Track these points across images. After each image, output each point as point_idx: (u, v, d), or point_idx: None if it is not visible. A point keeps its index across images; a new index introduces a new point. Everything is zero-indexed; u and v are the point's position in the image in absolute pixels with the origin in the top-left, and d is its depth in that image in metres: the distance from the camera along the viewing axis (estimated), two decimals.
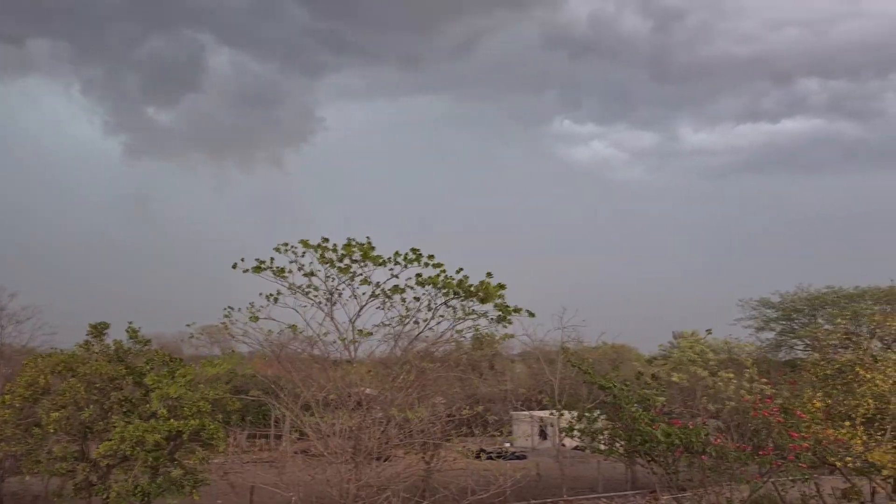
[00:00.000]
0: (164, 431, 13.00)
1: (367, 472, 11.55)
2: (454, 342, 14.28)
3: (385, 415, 12.53)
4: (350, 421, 11.99)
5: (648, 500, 19.99)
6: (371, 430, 11.88)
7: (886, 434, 15.50)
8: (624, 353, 42.97)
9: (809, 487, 16.70)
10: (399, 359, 13.44)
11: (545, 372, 28.53)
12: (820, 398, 16.55)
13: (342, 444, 11.69)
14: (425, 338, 13.78)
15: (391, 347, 13.33)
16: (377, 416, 12.25)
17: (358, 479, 11.23)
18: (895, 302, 30.87)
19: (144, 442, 12.74)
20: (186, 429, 13.07)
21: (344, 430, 11.95)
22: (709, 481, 14.00)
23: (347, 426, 11.93)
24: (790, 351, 38.70)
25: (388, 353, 13.93)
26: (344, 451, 11.58)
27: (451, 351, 14.90)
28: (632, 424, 13.79)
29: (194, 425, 13.09)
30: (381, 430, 12.37)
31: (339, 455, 11.50)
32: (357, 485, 11.16)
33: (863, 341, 21.43)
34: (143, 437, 12.69)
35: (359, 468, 11.44)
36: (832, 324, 26.88)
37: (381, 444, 12.35)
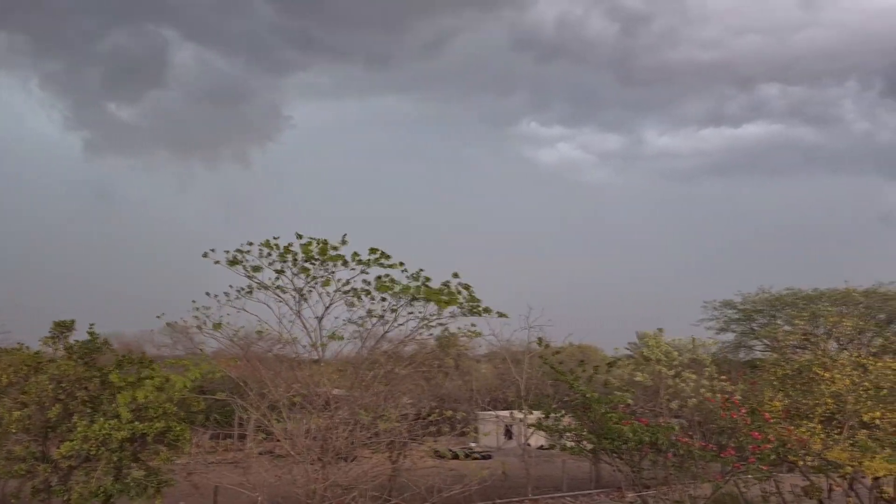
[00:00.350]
0: (128, 430, 12.75)
1: (335, 471, 11.50)
2: (419, 342, 14.28)
3: (352, 415, 12.47)
4: (318, 421, 11.91)
5: (615, 498, 20.23)
6: (339, 430, 11.82)
7: (843, 432, 15.93)
8: (589, 354, 43.34)
9: (770, 485, 17.06)
10: (366, 358, 13.39)
11: (511, 372, 28.71)
12: (780, 398, 16.95)
13: (310, 445, 11.61)
14: (392, 337, 13.76)
15: (358, 347, 13.29)
16: (344, 416, 12.19)
17: (325, 479, 11.17)
18: (850, 303, 31.69)
19: (109, 441, 12.49)
20: (151, 431, 12.86)
21: (312, 430, 11.87)
22: (673, 479, 14.23)
23: (315, 426, 11.86)
24: (749, 351, 39.45)
25: (356, 353, 13.88)
26: (311, 451, 11.50)
27: (417, 351, 14.90)
28: (600, 422, 13.96)
29: (159, 427, 12.89)
30: (348, 431, 12.30)
31: (306, 455, 11.43)
32: (324, 485, 11.10)
33: (820, 342, 21.98)
34: (109, 436, 12.43)
35: (326, 468, 11.38)
36: (791, 325, 27.49)
37: (349, 445, 12.29)
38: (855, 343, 21.99)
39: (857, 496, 16.91)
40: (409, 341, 14.27)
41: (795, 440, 15.06)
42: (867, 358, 18.29)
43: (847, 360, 17.94)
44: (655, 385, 15.77)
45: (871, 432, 15.94)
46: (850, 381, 16.46)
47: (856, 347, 21.08)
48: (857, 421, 16.09)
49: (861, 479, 16.69)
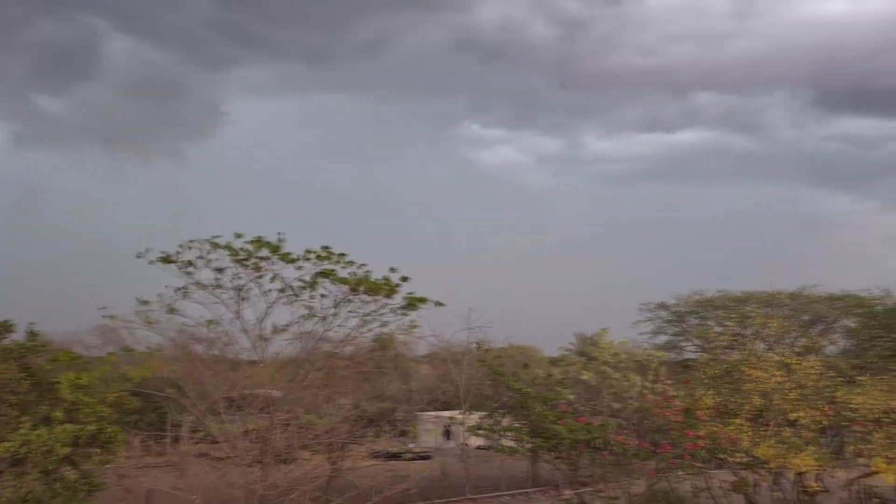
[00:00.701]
0: (68, 439, 12.23)
1: (275, 473, 11.35)
2: (358, 343, 14.21)
3: (291, 416, 12.34)
4: (257, 422, 11.74)
5: (553, 497, 20.54)
6: (278, 431, 11.67)
7: (770, 430, 16.55)
8: (528, 354, 43.83)
9: (700, 481, 17.59)
10: (305, 359, 13.26)
11: (451, 372, 28.85)
12: (710, 396, 17.50)
13: (249, 446, 11.43)
14: (331, 338, 13.65)
15: (298, 348, 13.14)
16: (283, 417, 12.03)
17: (265, 480, 11.01)
18: (777, 306, 32.96)
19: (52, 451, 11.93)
20: (84, 433, 12.41)
21: (251, 431, 11.68)
22: (609, 477, 14.55)
23: (255, 427, 11.68)
24: (681, 352, 40.60)
25: (296, 354, 13.72)
26: (251, 453, 11.33)
27: (356, 351, 14.82)
28: (538, 422, 14.16)
29: (92, 430, 12.45)
30: (288, 432, 12.16)
31: (246, 456, 11.24)
32: (264, 486, 10.94)
33: (748, 342, 22.81)
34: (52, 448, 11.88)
35: (266, 469, 11.22)
36: (721, 326, 28.43)
37: (289, 446, 12.16)
38: (781, 343, 22.87)
39: (782, 490, 17.57)
40: (349, 342, 14.21)
41: (725, 438, 15.57)
42: (792, 358, 19.03)
43: (773, 360, 18.65)
44: (599, 385, 16.10)
45: (795, 430, 16.59)
46: (777, 381, 17.12)
47: (782, 348, 21.92)
48: (783, 419, 16.72)
49: (785, 474, 17.34)
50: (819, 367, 18.20)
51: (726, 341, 23.13)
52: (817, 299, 36.72)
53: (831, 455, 16.69)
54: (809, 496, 17.20)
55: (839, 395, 16.83)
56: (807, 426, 16.62)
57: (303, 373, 12.71)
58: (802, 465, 15.81)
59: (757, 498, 18.92)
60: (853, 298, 32.82)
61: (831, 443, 17.88)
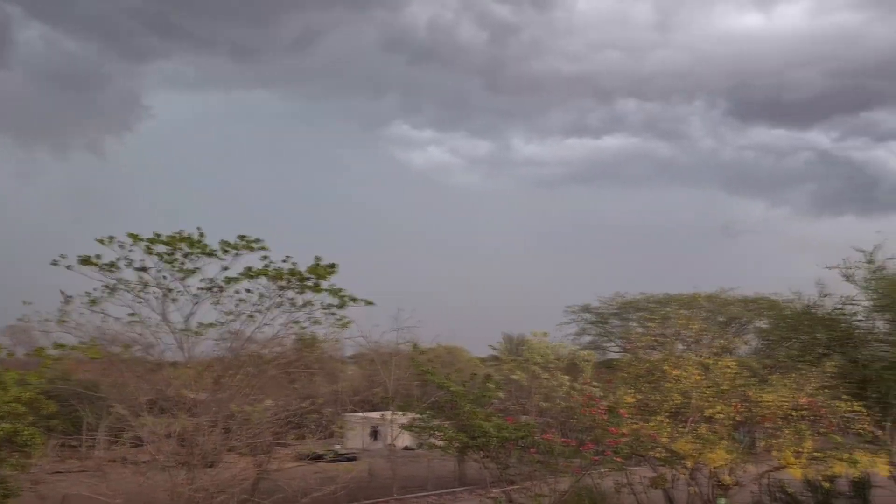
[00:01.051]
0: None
1: (201, 475, 11.12)
2: (284, 343, 14.04)
3: (217, 418, 12.09)
4: (184, 423, 11.46)
5: (482, 495, 20.77)
6: (204, 433, 11.43)
7: (688, 426, 17.22)
8: (456, 354, 44.21)
9: (622, 477, 18.16)
10: (231, 359, 13.02)
11: (379, 373, 28.81)
12: (632, 395, 18.08)
13: (176, 448, 11.16)
14: (258, 337, 13.44)
15: (224, 348, 12.89)
16: (209, 419, 11.78)
17: (191, 483, 10.77)
18: (696, 307, 34.30)
19: None
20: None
21: (176, 433, 11.40)
22: (536, 475, 14.85)
23: (181, 429, 11.40)
24: (604, 352, 41.74)
25: (221, 354, 13.46)
26: (177, 455, 11.06)
27: (282, 351, 14.64)
28: (468, 421, 14.33)
29: (7, 430, 11.89)
30: (213, 434, 11.93)
31: (171, 459, 10.97)
32: (191, 489, 10.70)
33: (668, 343, 23.63)
34: None
35: (192, 472, 10.97)
36: (644, 327, 29.34)
37: (215, 448, 11.92)
38: (699, 344, 23.78)
39: (698, 485, 18.28)
40: (276, 341, 14.03)
41: (646, 434, 16.11)
42: (709, 358, 19.82)
43: (692, 360, 19.39)
44: (529, 385, 16.41)
45: (711, 426, 17.29)
46: (695, 379, 17.82)
47: (700, 348, 22.80)
48: (700, 415, 17.42)
49: (701, 469, 18.04)
50: (734, 366, 19.02)
51: (648, 342, 23.91)
52: (732, 301, 38.43)
53: (744, 450, 17.46)
54: (723, 489, 17.95)
55: (752, 393, 17.63)
56: (721, 422, 17.35)
57: (229, 374, 12.46)
58: (717, 460, 16.49)
59: (674, 493, 19.64)
60: (765, 301, 34.44)
61: (744, 438, 18.71)
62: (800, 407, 17.13)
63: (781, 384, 17.98)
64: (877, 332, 22.77)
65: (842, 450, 16.43)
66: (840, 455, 16.26)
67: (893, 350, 21.12)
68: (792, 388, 17.70)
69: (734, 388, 17.95)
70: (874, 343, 22.52)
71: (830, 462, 16.33)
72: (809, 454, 16.22)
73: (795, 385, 17.83)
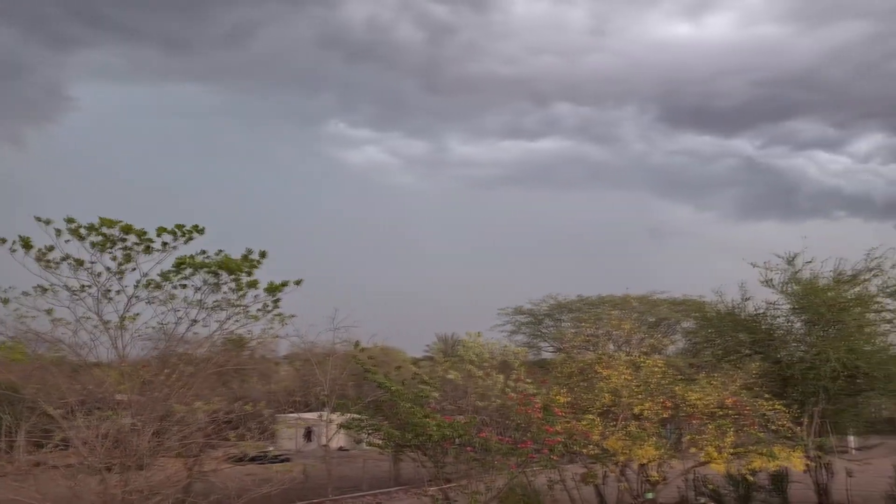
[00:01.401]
0: None
1: (135, 477, 10.87)
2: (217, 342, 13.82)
3: (148, 419, 11.82)
4: (118, 424, 11.18)
5: (418, 494, 20.87)
6: (137, 435, 11.18)
7: (619, 423, 17.75)
8: (391, 355, 44.25)
9: (555, 474, 18.57)
10: (164, 359, 12.76)
11: (314, 373, 28.60)
12: (566, 394, 18.52)
13: (108, 450, 10.87)
14: (191, 336, 13.19)
15: (157, 347, 12.59)
16: (141, 419, 11.51)
17: (125, 485, 10.52)
18: (627, 308, 35.30)
19: None
20: None
21: (107, 434, 11.10)
22: (473, 473, 15.05)
23: (115, 431, 11.11)
24: (538, 352, 42.57)
25: (154, 353, 13.17)
26: (110, 457, 10.77)
27: (215, 351, 14.41)
28: (406, 419, 14.43)
29: None
30: (146, 435, 11.66)
31: (103, 461, 10.68)
32: (125, 491, 10.45)
33: (600, 343, 24.29)
34: None
35: (125, 474, 10.71)
36: (577, 328, 30.06)
37: (149, 450, 11.65)
38: (629, 344, 24.49)
39: (627, 480, 18.85)
40: (210, 341, 13.80)
41: (579, 432, 16.54)
42: (639, 357, 20.46)
43: (623, 360, 19.98)
44: (465, 384, 16.61)
45: (640, 423, 17.86)
46: (626, 378, 18.38)
47: (630, 348, 23.49)
48: (630, 413, 17.97)
49: (630, 465, 18.61)
50: (662, 365, 19.70)
51: (581, 342, 24.52)
52: (661, 303, 39.81)
53: (671, 446, 18.09)
54: (651, 485, 18.56)
55: (679, 391, 18.29)
56: (650, 420, 17.95)
57: (162, 374, 12.18)
58: (646, 456, 17.05)
59: (605, 489, 20.20)
60: (692, 303, 35.77)
61: (671, 435, 19.38)
62: (724, 405, 17.86)
63: (707, 383, 18.69)
64: (795, 334, 23.94)
65: (762, 445, 17.19)
66: (760, 450, 17.01)
67: (810, 351, 22.24)
68: (717, 387, 18.44)
69: (662, 386, 18.58)
70: (793, 344, 23.68)
71: (751, 457, 17.06)
72: (732, 450, 16.92)
73: (720, 384, 18.58)
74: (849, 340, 21.80)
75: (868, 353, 22.08)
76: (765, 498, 23.85)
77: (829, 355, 21.03)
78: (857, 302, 22.63)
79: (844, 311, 22.33)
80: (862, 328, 22.62)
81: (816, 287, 22.88)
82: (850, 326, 22.36)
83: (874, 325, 23.23)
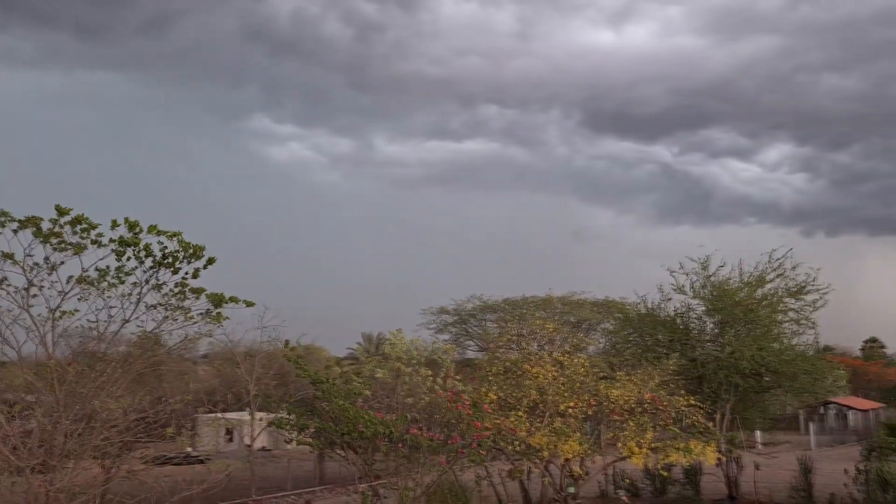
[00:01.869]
0: None
1: (60, 477, 10.50)
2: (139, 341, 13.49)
3: (74, 417, 11.44)
4: (41, 423, 10.75)
5: (348, 492, 20.81)
6: (59, 434, 10.78)
7: (544, 420, 18.21)
8: (315, 353, 43.84)
9: (481, 470, 18.89)
10: (89, 358, 12.37)
11: (238, 372, 28.02)
12: (494, 392, 18.86)
13: (33, 450, 10.45)
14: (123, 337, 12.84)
15: (85, 345, 12.18)
16: (68, 418, 11.12)
17: (51, 485, 10.15)
18: (550, 309, 36.15)
19: None
20: None
21: (28, 433, 10.67)
22: (403, 469, 15.16)
23: (39, 430, 10.69)
24: (464, 351, 43.09)
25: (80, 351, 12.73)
26: (33, 457, 10.36)
27: (133, 350, 14.06)
28: (339, 416, 14.42)
29: None
30: (64, 435, 11.28)
31: (28, 460, 10.26)
32: (52, 490, 10.08)
33: (524, 342, 24.78)
34: None
35: (50, 473, 10.32)
36: (501, 328, 30.54)
37: (65, 450, 11.25)
38: (553, 343, 25.08)
39: (550, 475, 19.35)
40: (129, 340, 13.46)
41: (507, 428, 16.89)
42: (563, 356, 21.01)
43: (548, 358, 20.47)
44: (394, 382, 16.68)
45: (564, 420, 18.38)
46: (552, 376, 18.87)
47: (554, 347, 24.06)
48: (555, 410, 18.46)
49: (554, 461, 19.11)
50: (585, 363, 20.30)
51: (506, 342, 24.95)
52: (583, 304, 40.90)
53: (593, 442, 18.69)
54: (574, 479, 19.11)
55: (601, 389, 18.91)
56: (574, 416, 18.49)
57: (93, 372, 11.78)
58: (569, 452, 17.55)
59: (529, 484, 20.66)
60: (613, 304, 36.93)
61: (593, 431, 20.01)
62: (644, 402, 18.58)
63: (627, 381, 19.37)
64: (708, 334, 25.12)
65: (678, 440, 17.96)
66: (677, 445, 17.77)
67: (723, 350, 23.38)
68: (636, 384, 19.14)
69: (586, 384, 19.16)
70: (707, 343, 24.83)
71: (668, 451, 17.80)
72: (650, 445, 17.61)
73: (640, 381, 19.30)
74: (759, 340, 23.04)
75: (776, 352, 23.40)
76: (679, 491, 24.92)
77: (741, 353, 22.19)
78: (766, 303, 23.93)
79: (754, 311, 23.58)
80: (770, 328, 23.93)
81: (728, 290, 24.07)
82: (759, 326, 23.63)
83: (780, 325, 24.60)
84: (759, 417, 27.08)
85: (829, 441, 48.27)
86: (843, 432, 52.58)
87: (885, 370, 73.78)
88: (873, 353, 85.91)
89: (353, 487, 25.49)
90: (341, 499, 25.62)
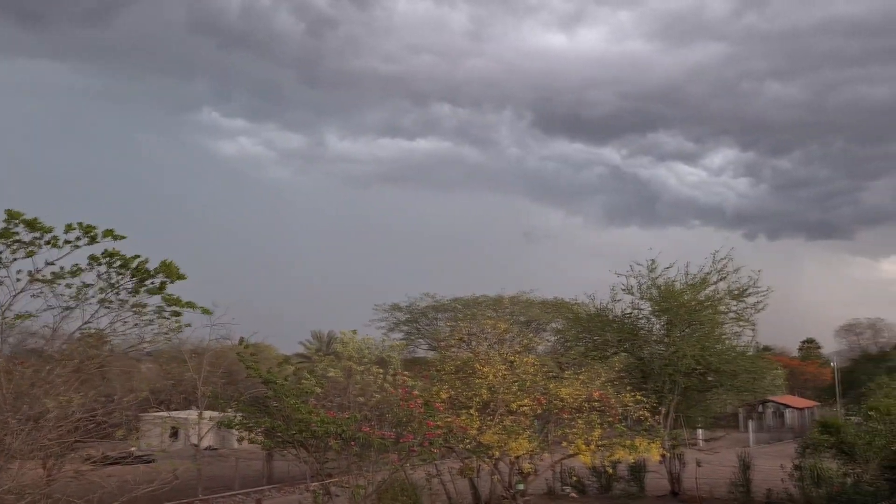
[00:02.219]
0: None
1: (5, 477, 10.22)
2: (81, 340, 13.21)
3: (19, 417, 11.14)
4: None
5: (300, 490, 20.70)
6: (14, 432, 10.49)
7: (495, 419, 18.45)
8: (264, 351, 43.29)
9: (432, 468, 19.04)
10: (37, 356, 12.09)
11: (185, 371, 27.62)
12: (446, 390, 19.03)
13: None
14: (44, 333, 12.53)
15: (36, 344, 11.89)
16: (16, 417, 10.82)
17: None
18: (501, 308, 36.51)
19: None
20: None
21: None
22: (355, 467, 15.21)
23: None
24: (414, 349, 43.19)
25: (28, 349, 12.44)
26: None
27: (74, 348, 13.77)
28: (290, 415, 14.38)
29: None
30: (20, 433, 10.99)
31: None
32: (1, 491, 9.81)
33: (474, 341, 25.02)
34: None
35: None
36: (451, 327, 30.74)
37: (22, 449, 10.96)
38: (503, 343, 25.37)
39: (500, 473, 19.61)
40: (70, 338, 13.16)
41: (458, 427, 17.07)
42: (514, 355, 21.31)
43: (499, 358, 20.74)
44: (346, 381, 16.69)
45: (515, 418, 18.65)
46: (502, 375, 19.13)
47: (504, 346, 24.34)
48: (506, 408, 18.72)
49: (504, 459, 19.37)
50: (535, 362, 20.64)
51: (457, 341, 25.14)
52: (533, 303, 41.40)
53: (542, 440, 19.01)
54: (523, 476, 19.42)
55: (552, 387, 19.24)
56: (524, 414, 18.78)
57: (42, 371, 11.49)
58: (519, 450, 17.83)
59: (479, 481, 20.90)
60: (563, 304, 37.48)
61: (542, 429, 20.34)
62: (592, 399, 18.97)
63: (575, 379, 19.75)
64: (655, 334, 25.76)
65: (624, 437, 18.40)
66: (623, 442, 18.20)
67: (668, 348, 24.03)
68: (585, 382, 19.54)
69: (536, 382, 19.47)
70: (653, 342, 25.47)
71: (615, 449, 18.23)
72: (598, 442, 18.01)
73: (588, 380, 19.70)
74: (702, 340, 23.76)
75: (718, 352, 24.17)
76: (624, 487, 25.50)
77: (685, 352, 22.85)
78: (709, 304, 24.68)
79: (697, 312, 24.29)
80: (713, 329, 24.69)
81: (673, 291, 24.74)
82: (703, 327, 24.36)
83: (722, 326, 25.40)
84: (701, 416, 27.88)
85: (767, 438, 49.88)
86: (780, 430, 54.36)
87: (820, 370, 76.48)
88: (810, 353, 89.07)
89: (303, 486, 25.39)
90: (291, 497, 25.46)
